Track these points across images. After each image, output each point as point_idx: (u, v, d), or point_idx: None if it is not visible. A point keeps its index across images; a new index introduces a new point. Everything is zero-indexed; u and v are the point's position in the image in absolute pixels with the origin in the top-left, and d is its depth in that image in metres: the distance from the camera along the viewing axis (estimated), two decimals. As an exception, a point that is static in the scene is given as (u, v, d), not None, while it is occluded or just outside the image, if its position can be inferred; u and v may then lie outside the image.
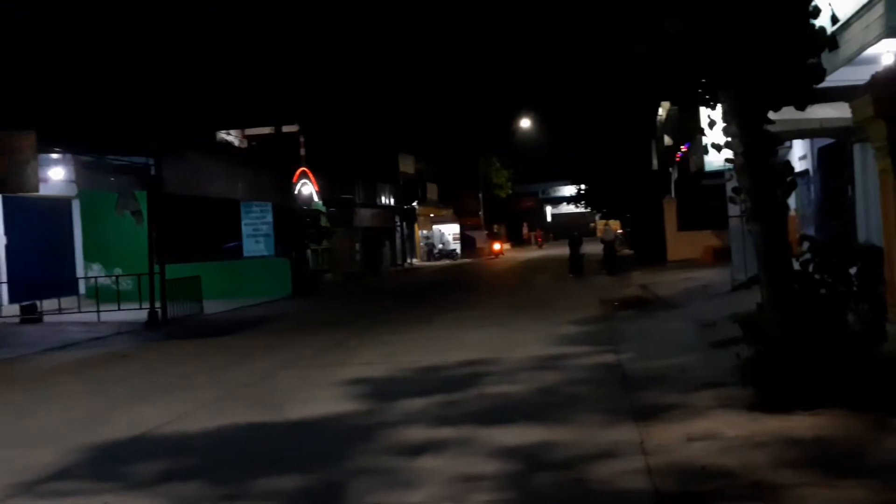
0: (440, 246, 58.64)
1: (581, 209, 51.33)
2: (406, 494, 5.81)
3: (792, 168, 7.88)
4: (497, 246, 63.62)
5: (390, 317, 18.99)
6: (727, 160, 7.91)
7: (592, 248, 36.42)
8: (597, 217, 53.50)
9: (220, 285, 24.49)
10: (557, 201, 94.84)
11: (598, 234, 32.39)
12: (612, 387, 9.05)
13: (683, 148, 27.74)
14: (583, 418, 7.58)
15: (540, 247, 69.55)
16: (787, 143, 17.22)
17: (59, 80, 26.20)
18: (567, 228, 34.11)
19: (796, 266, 7.83)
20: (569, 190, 63.34)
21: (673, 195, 33.85)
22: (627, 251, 42.87)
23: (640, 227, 38.66)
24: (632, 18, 7.89)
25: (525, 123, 61.77)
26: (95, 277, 23.51)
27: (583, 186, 46.44)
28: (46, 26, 26.87)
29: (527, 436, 7.09)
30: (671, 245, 31.29)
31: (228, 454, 7.29)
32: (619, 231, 50.10)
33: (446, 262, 53.89)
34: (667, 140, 32.50)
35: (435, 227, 59.85)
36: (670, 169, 34.78)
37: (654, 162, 38.75)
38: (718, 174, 17.73)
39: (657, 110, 32.41)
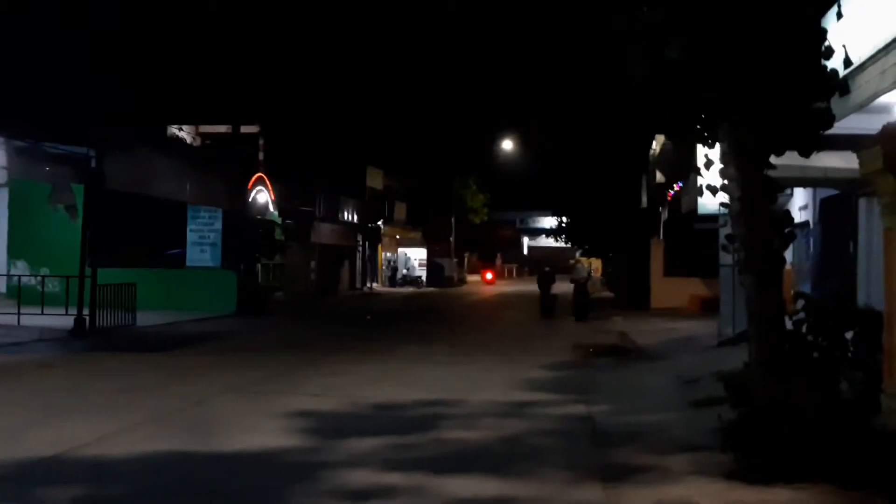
0: (404, 271, 58.64)
1: (561, 243, 51.57)
2: (346, 544, 5.78)
3: (792, 218, 7.99)
4: (490, 275, 63.83)
5: (344, 344, 18.93)
6: (722, 204, 8.01)
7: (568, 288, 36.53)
8: (577, 253, 53.80)
9: (157, 295, 24.31)
10: (536, 233, 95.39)
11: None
12: (581, 441, 9.07)
13: (676, 187, 28.03)
14: (546, 473, 7.59)
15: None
16: (788, 191, 17.48)
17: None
18: (544, 263, 34.04)
19: (789, 325, 7.92)
20: (549, 221, 63.63)
21: (661, 237, 34.15)
22: (607, 293, 43.11)
23: (623, 269, 38.89)
24: (630, 39, 7.97)
25: (507, 146, 62.10)
26: (19, 276, 23.22)
27: (564, 219, 46.72)
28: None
29: (484, 488, 7.08)
30: (656, 290, 31.49)
31: (154, 485, 7.20)
32: (596, 270, 50.38)
33: (410, 289, 53.87)
34: (659, 177, 32.83)
35: (401, 249, 59.88)
36: (660, 208, 35.11)
37: (644, 199, 39.11)
38: (712, 218, 17.91)
39: (651, 144, 32.78)
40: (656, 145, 31.41)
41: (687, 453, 8.12)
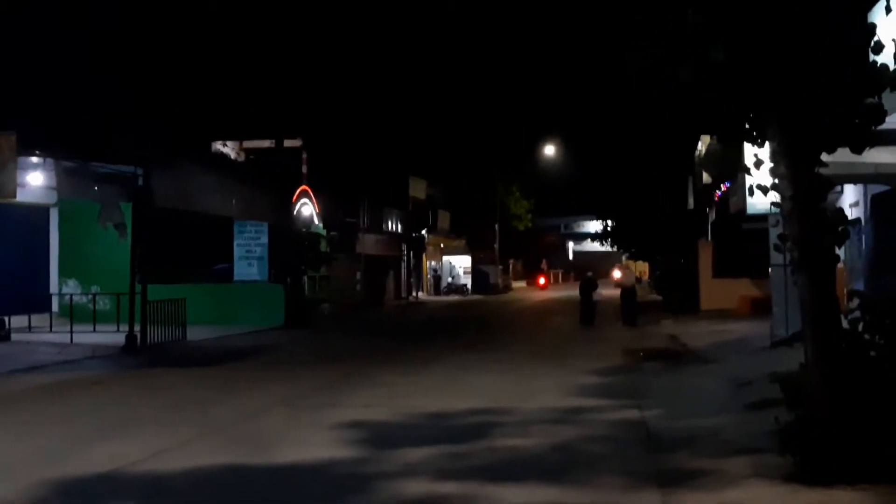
0: (449, 279, 58.68)
1: (607, 248, 51.29)
2: (403, 555, 5.78)
3: (845, 216, 7.87)
4: (542, 280, 63.54)
5: (392, 355, 18.97)
6: (773, 204, 7.91)
7: (612, 293, 36.31)
8: (624, 257, 53.47)
9: (206, 310, 24.51)
10: (581, 237, 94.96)
11: (615, 277, 31.10)
12: (635, 447, 9.00)
13: (723, 187, 27.75)
14: (602, 480, 7.54)
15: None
16: (838, 188, 17.23)
17: (43, 80, 26.44)
18: (590, 268, 33.74)
19: (844, 324, 7.80)
20: (594, 226, 63.32)
21: (709, 238, 33.81)
22: (655, 297, 42.80)
23: (670, 271, 38.59)
24: (674, 43, 7.92)
25: (549, 151, 61.95)
26: (70, 294, 23.56)
27: (609, 223, 46.48)
28: (35, 22, 27.19)
29: (539, 496, 7.05)
30: (705, 292, 31.18)
31: (207, 498, 7.27)
32: (643, 274, 49.96)
33: (455, 297, 53.89)
34: (705, 178, 32.51)
35: (445, 258, 59.94)
36: (707, 209, 34.78)
37: (690, 201, 38.76)
38: (761, 218, 17.71)
39: (696, 144, 32.48)
40: (702, 146, 31.11)
41: (744, 456, 8.02)
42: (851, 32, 7.34)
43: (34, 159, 20.03)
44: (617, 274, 31.72)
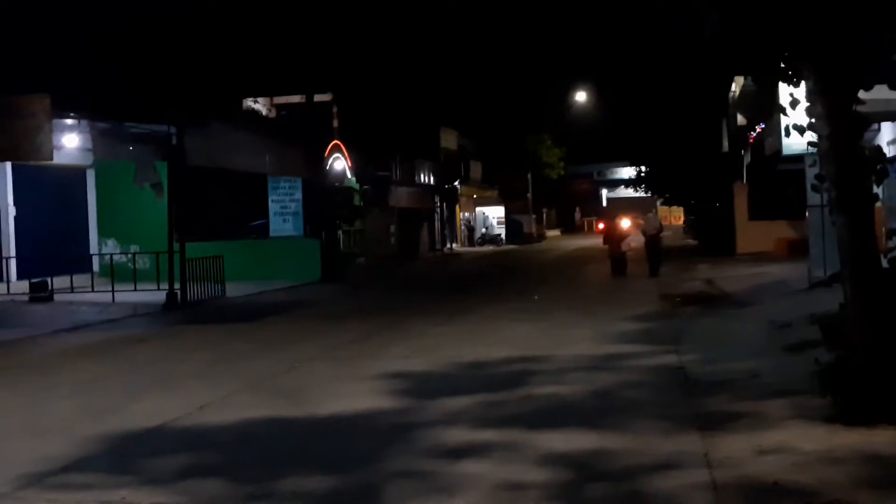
0: (483, 230, 58.63)
1: (641, 193, 50.87)
2: (446, 501, 5.84)
3: (884, 154, 7.75)
4: (601, 225, 61.67)
5: (428, 306, 19.07)
6: (810, 143, 7.81)
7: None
8: (658, 202, 53.05)
9: (243, 266, 24.72)
10: (614, 184, 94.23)
11: (621, 227, 27.73)
12: (674, 391, 9.01)
13: (758, 128, 27.40)
14: (641, 425, 7.56)
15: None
16: (875, 126, 16.95)
17: (75, 42, 26.52)
18: (625, 215, 33.36)
19: (883, 263, 7.71)
20: (627, 172, 62.79)
21: (744, 180, 33.49)
22: (691, 241, 42.56)
23: (705, 215, 38.32)
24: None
25: (580, 97, 61.31)
26: (110, 254, 23.87)
27: (643, 168, 46.09)
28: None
29: (578, 442, 7.09)
30: (741, 236, 30.96)
31: (253, 451, 7.39)
32: (677, 219, 49.45)
33: (490, 247, 53.89)
34: (740, 119, 32.12)
35: (478, 209, 59.83)
36: (742, 151, 34.40)
37: (725, 143, 38.34)
38: (797, 159, 17.50)
39: (730, 85, 32.03)
40: (736, 87, 30.71)
41: (783, 398, 7.99)
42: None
43: (69, 121, 20.17)
44: (625, 223, 28.75)
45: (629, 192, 64.38)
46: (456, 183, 53.97)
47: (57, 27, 26.34)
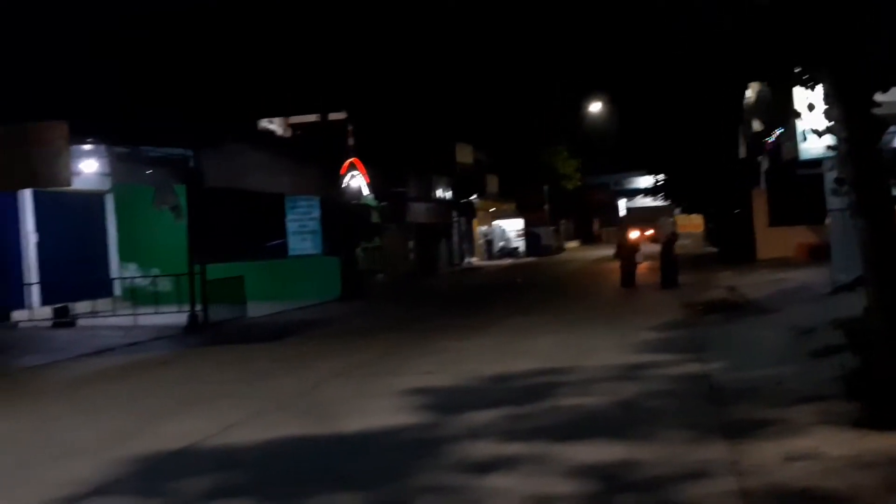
0: (501, 243, 58.62)
1: (659, 202, 50.76)
2: (475, 515, 5.87)
3: (903, 156, 7.75)
4: (635, 234, 60.22)
5: (449, 321, 19.10)
6: (828, 147, 7.81)
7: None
8: (676, 211, 52.90)
9: (263, 286, 24.82)
10: (632, 193, 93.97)
11: (630, 238, 26.41)
12: (699, 400, 9.00)
13: (775, 134, 27.30)
14: (667, 434, 7.56)
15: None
16: (893, 128, 16.86)
17: (90, 69, 26.79)
18: (644, 224, 33.28)
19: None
20: (645, 181, 62.65)
21: (763, 186, 33.37)
22: (711, 248, 42.42)
23: (724, 222, 38.18)
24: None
25: (594, 107, 61.26)
26: (131, 278, 24.02)
27: (660, 177, 46.01)
28: (75, 13, 27.46)
29: (606, 453, 7.10)
30: (761, 242, 30.86)
31: (280, 469, 7.43)
32: (697, 227, 49.27)
33: (509, 260, 53.86)
34: (756, 125, 31.97)
35: (495, 222, 59.83)
36: (759, 157, 34.25)
37: (742, 149, 38.18)
38: (816, 163, 17.45)
39: (745, 91, 31.93)
40: (751, 93, 30.61)
41: (809, 404, 7.97)
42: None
43: (86, 147, 20.36)
44: (634, 235, 27.45)
45: (647, 202, 64.23)
46: (473, 197, 54.01)
47: (72, 52, 26.62)
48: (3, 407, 11.43)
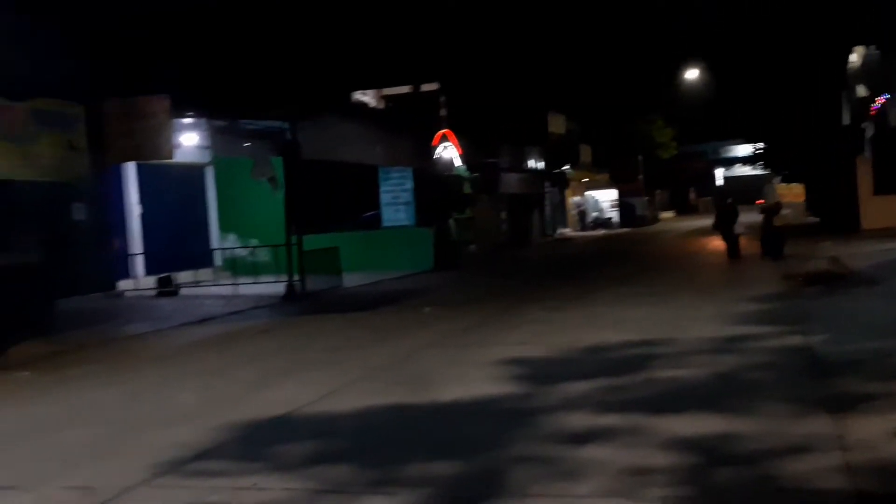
0: (595, 214, 58.12)
1: (759, 171, 49.59)
2: (571, 486, 5.84)
3: None
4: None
5: (542, 292, 19.03)
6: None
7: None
8: (776, 180, 51.59)
9: (358, 257, 25.11)
10: (730, 162, 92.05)
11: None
12: (801, 373, 8.79)
13: (881, 100, 26.36)
14: (768, 408, 7.40)
15: None
16: None
17: (189, 41, 27.27)
18: (742, 194, 32.57)
19: None
20: (743, 149, 61.23)
21: (867, 154, 32.28)
22: (812, 218, 41.31)
23: (827, 191, 37.12)
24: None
25: (691, 75, 59.96)
26: (231, 248, 24.54)
27: (760, 145, 44.92)
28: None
29: (704, 426, 6.98)
30: (865, 211, 29.94)
31: (377, 437, 7.52)
32: (798, 196, 47.95)
33: (602, 231, 53.39)
34: (861, 90, 30.90)
35: (588, 193, 59.36)
36: (864, 124, 33.13)
37: (845, 116, 36.99)
38: (925, 129, 16.81)
39: (849, 55, 30.85)
40: (856, 57, 29.57)
41: (919, 379, 7.73)
42: None
43: (187, 120, 20.82)
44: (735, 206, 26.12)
45: (746, 170, 62.71)
46: (565, 167, 53.59)
47: (171, 26, 27.13)
48: (111, 373, 11.83)
